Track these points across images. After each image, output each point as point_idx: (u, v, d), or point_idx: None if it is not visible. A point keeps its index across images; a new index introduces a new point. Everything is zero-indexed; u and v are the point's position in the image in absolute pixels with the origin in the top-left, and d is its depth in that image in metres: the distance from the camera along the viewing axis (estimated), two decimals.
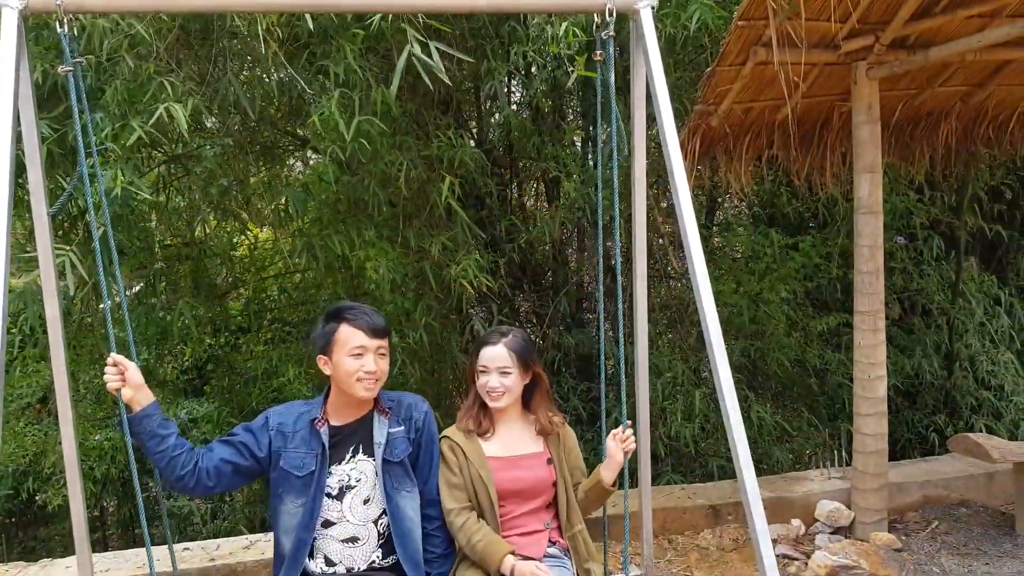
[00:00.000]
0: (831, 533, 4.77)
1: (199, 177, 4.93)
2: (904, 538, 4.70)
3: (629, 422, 2.85)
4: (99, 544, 8.64)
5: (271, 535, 4.47)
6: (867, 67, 4.36)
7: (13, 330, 6.72)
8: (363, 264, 4.71)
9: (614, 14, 3.21)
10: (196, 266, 5.98)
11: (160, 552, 4.48)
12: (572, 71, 3.92)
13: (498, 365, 2.79)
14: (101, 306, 5.57)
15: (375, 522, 2.65)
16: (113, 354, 2.50)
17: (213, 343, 7.39)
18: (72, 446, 2.88)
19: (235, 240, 6.70)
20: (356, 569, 2.62)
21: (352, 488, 2.63)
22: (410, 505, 2.68)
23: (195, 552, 4.46)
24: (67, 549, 6.02)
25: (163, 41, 3.83)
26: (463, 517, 2.69)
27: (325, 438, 2.62)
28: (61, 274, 3.78)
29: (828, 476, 5.23)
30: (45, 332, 3.07)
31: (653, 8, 3.27)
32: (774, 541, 4.64)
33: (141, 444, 2.52)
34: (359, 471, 2.65)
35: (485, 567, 2.64)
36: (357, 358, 2.56)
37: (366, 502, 2.64)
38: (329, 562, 2.62)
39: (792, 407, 6.66)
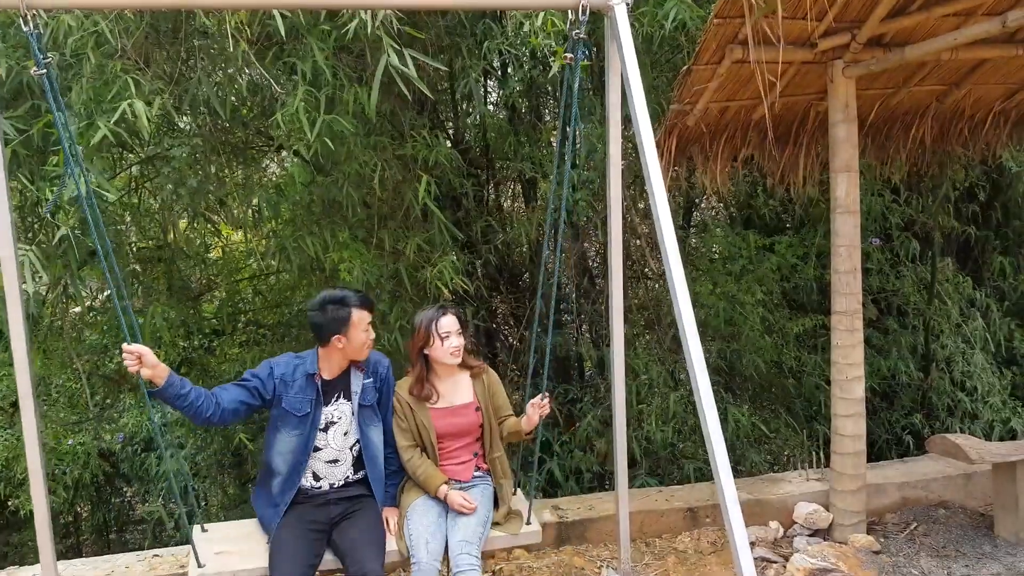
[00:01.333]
0: (810, 535, 4.75)
1: (169, 178, 4.84)
2: (883, 540, 4.69)
3: (547, 393, 3.56)
4: (73, 550, 8.51)
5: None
6: (843, 65, 4.34)
7: None
8: (337, 266, 4.65)
9: (587, 11, 3.18)
10: (169, 268, 5.90)
11: (124, 559, 4.42)
12: (552, 62, 3.90)
13: (456, 328, 3.54)
14: (75, 309, 5.49)
15: (351, 448, 3.49)
16: (126, 344, 2.97)
17: (187, 345, 7.30)
18: (36, 455, 2.83)
19: (209, 242, 6.62)
20: (335, 484, 3.46)
21: (335, 424, 3.44)
22: (376, 436, 3.53)
23: (165, 558, 4.37)
24: (39, 555, 5.92)
25: (130, 39, 3.75)
26: (409, 453, 3.55)
27: (320, 388, 3.39)
28: (34, 275, 3.71)
29: (806, 478, 5.22)
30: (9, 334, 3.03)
31: (628, 5, 3.24)
32: (752, 543, 4.61)
33: (171, 404, 3.10)
34: (340, 411, 3.45)
35: (425, 490, 3.52)
36: (367, 332, 3.37)
37: (345, 434, 3.46)
38: (316, 478, 3.44)
39: (769, 409, 6.64)
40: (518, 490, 3.85)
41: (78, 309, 5.92)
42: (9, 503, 7.43)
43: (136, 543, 8.59)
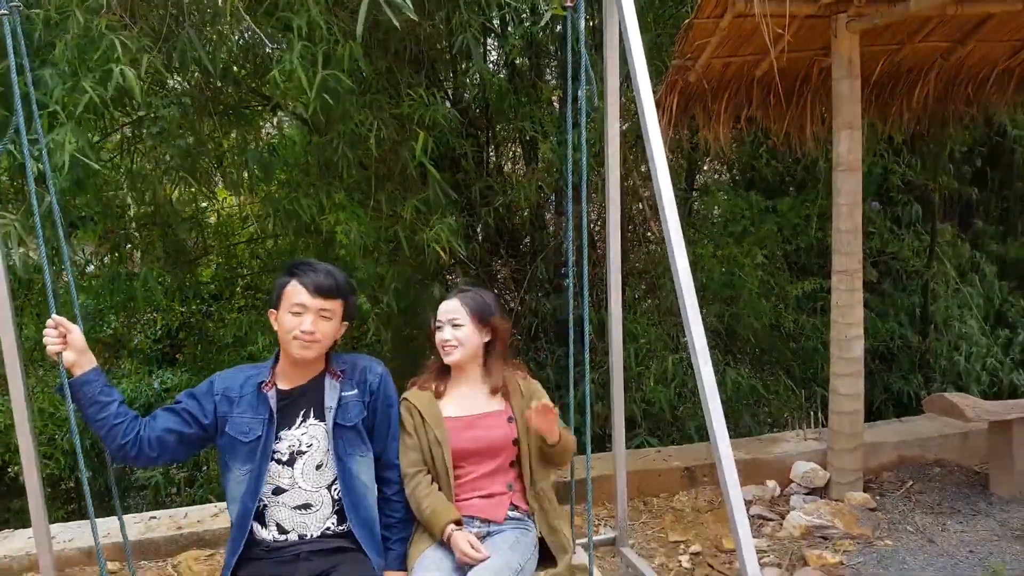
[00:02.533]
0: (806, 494, 4.76)
1: (158, 139, 4.76)
2: (879, 498, 4.70)
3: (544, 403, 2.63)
4: (75, 515, 8.54)
5: None
6: (847, 19, 4.27)
7: None
8: (333, 228, 4.59)
9: None
10: (164, 232, 5.85)
11: (127, 520, 4.42)
12: (546, 11, 3.70)
13: (450, 318, 2.75)
14: (63, 274, 5.45)
15: (329, 488, 2.56)
16: (54, 315, 2.40)
17: (185, 311, 7.28)
18: (24, 414, 2.78)
19: (204, 205, 6.56)
20: (309, 536, 2.52)
21: (303, 453, 2.53)
22: (363, 470, 2.59)
23: (162, 520, 4.39)
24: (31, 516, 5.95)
25: None
26: (415, 481, 2.64)
27: (272, 402, 2.52)
28: (19, 243, 3.64)
29: (804, 438, 5.23)
30: None
31: None
32: (749, 502, 4.62)
33: (81, 411, 2.43)
34: (310, 436, 2.55)
35: (431, 533, 2.59)
36: (296, 316, 2.47)
37: (319, 467, 2.55)
38: (282, 530, 2.53)
39: (769, 371, 6.65)
40: (578, 547, 2.97)
41: (66, 274, 5.88)
42: (9, 470, 7.45)
43: (138, 508, 8.64)
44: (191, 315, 7.31)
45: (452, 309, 2.75)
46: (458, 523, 2.56)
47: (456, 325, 2.73)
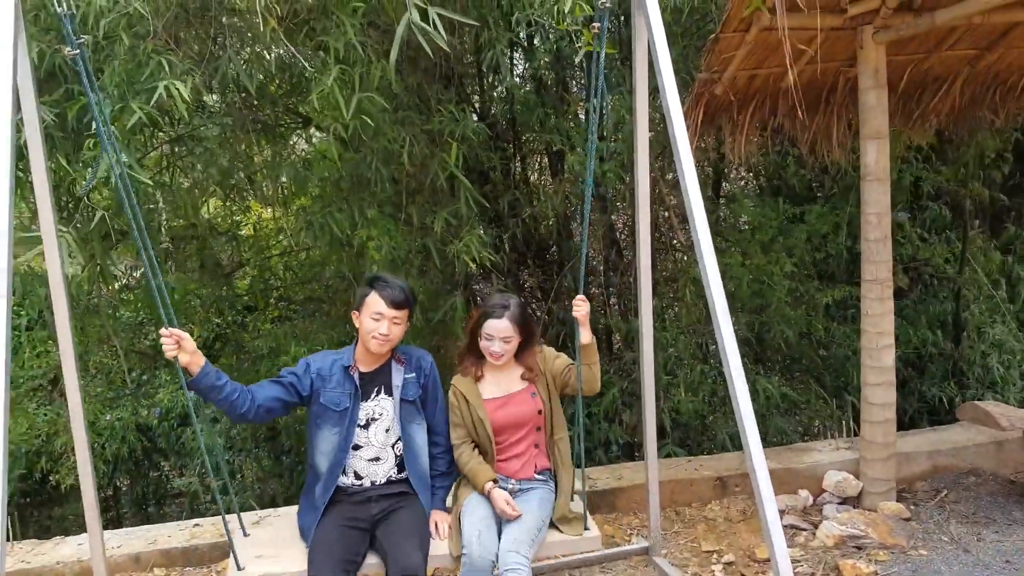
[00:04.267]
0: (839, 503, 4.77)
1: (200, 157, 4.90)
2: (913, 507, 4.70)
3: (582, 296, 3.35)
4: (113, 522, 8.70)
5: (280, 511, 4.52)
6: (873, 31, 4.29)
7: (19, 311, 6.75)
8: (365, 242, 4.69)
9: None
10: (202, 245, 5.98)
11: (166, 529, 4.54)
12: (580, 47, 3.84)
13: (502, 335, 3.32)
14: (113, 286, 5.59)
15: (392, 446, 3.33)
16: (165, 328, 2.89)
17: (221, 322, 7.42)
18: (81, 422, 2.91)
19: (239, 219, 6.70)
20: (378, 482, 3.31)
21: (376, 420, 3.30)
22: (419, 434, 3.37)
23: (206, 528, 4.49)
24: (81, 528, 6.08)
25: (161, 19, 3.79)
26: (460, 449, 3.41)
27: (357, 381, 3.27)
28: (70, 255, 3.78)
29: (836, 447, 5.23)
30: (52, 313, 3.09)
31: None
32: (781, 512, 4.64)
33: (204, 397, 3.02)
34: (381, 407, 3.31)
35: (474, 487, 3.36)
36: (375, 321, 3.17)
37: (387, 431, 3.31)
38: (357, 476, 3.30)
39: (799, 380, 6.64)
40: (575, 496, 3.59)
41: (115, 286, 6.02)
42: (50, 478, 7.60)
43: (174, 515, 8.77)
44: (227, 326, 7.45)
45: (504, 329, 3.32)
46: (495, 481, 3.32)
47: (506, 341, 3.34)
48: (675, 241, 6.58)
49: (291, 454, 7.50)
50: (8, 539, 4.68)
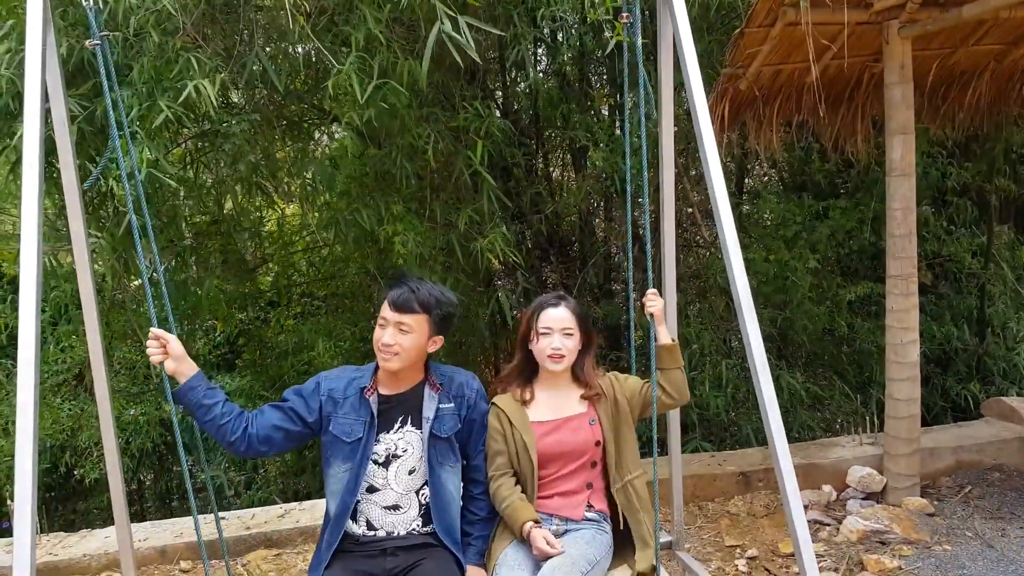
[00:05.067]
0: (863, 499, 4.75)
1: (228, 154, 4.94)
2: (937, 503, 4.68)
3: (654, 290, 2.85)
4: (137, 517, 8.78)
5: (305, 504, 4.56)
6: (899, 26, 4.28)
7: (44, 306, 6.82)
8: (391, 238, 4.71)
9: None
10: (225, 241, 6.02)
11: (192, 522, 4.57)
12: (610, 36, 3.80)
13: (563, 327, 2.79)
14: (136, 282, 5.65)
15: (417, 492, 2.70)
16: (154, 328, 2.53)
17: (244, 318, 7.47)
18: (108, 414, 2.95)
19: (263, 215, 6.74)
20: (396, 534, 2.66)
21: (398, 457, 2.67)
22: (451, 480, 2.73)
23: (231, 521, 4.53)
24: (106, 522, 6.16)
25: (189, 17, 3.82)
26: (499, 482, 2.76)
27: (374, 406, 2.65)
28: (93, 252, 3.82)
29: (860, 442, 5.21)
30: (78, 308, 3.11)
31: None
32: (805, 507, 4.63)
33: (190, 414, 2.56)
34: (406, 442, 2.68)
35: (511, 530, 2.71)
36: (380, 328, 2.62)
37: (411, 472, 2.68)
38: (371, 526, 2.66)
39: (822, 375, 6.62)
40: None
41: (137, 282, 6.08)
42: (75, 472, 7.68)
43: (198, 510, 8.84)
44: (250, 322, 7.50)
45: (564, 318, 2.80)
46: (536, 522, 2.66)
47: (568, 334, 2.79)
48: (698, 237, 6.57)
49: (314, 448, 7.53)
50: (36, 532, 4.74)
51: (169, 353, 2.53)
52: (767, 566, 4.14)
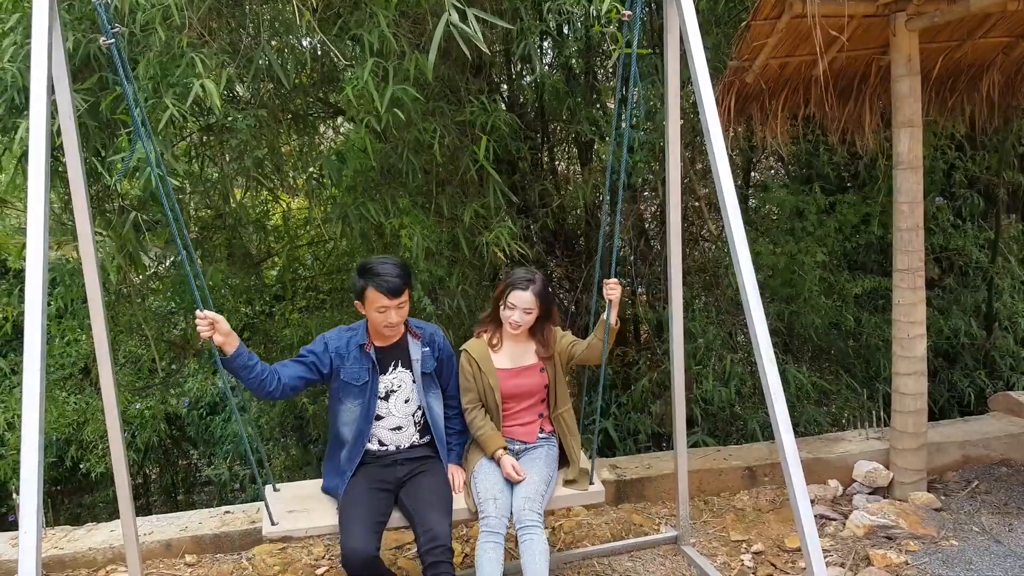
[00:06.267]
0: (869, 493, 4.74)
1: (234, 149, 4.93)
2: (944, 498, 4.67)
3: (615, 279, 3.51)
4: (142, 510, 8.82)
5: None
6: (906, 18, 4.25)
7: (49, 300, 6.83)
8: (397, 232, 4.71)
9: None
10: (231, 235, 6.02)
11: (197, 516, 4.59)
12: (613, 49, 3.83)
13: (525, 306, 3.55)
14: (142, 276, 5.64)
15: (413, 415, 3.55)
16: (199, 310, 3.00)
17: (249, 311, 7.47)
18: (114, 408, 2.96)
19: (269, 209, 6.74)
20: (402, 446, 3.53)
21: (395, 392, 3.50)
22: (436, 403, 3.61)
23: (236, 515, 4.54)
24: (111, 515, 6.17)
25: (196, 12, 3.81)
26: (472, 413, 3.64)
27: (373, 356, 3.44)
28: (99, 247, 3.82)
29: (866, 437, 5.20)
30: (84, 303, 3.13)
31: None
32: (811, 501, 4.60)
33: (236, 376, 3.16)
34: (399, 380, 3.51)
35: (484, 452, 3.59)
36: (381, 313, 3.31)
37: (406, 402, 3.52)
38: (381, 443, 3.51)
39: (829, 370, 6.61)
40: (581, 452, 3.84)
41: (142, 276, 6.08)
42: (81, 466, 7.70)
43: (204, 503, 8.88)
44: (255, 316, 7.50)
45: (527, 300, 3.55)
46: (504, 448, 3.57)
47: (528, 312, 3.57)
48: (704, 231, 6.55)
49: (318, 443, 7.55)
50: (42, 525, 4.75)
51: (217, 330, 3.02)
52: (773, 561, 4.13)
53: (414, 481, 3.46)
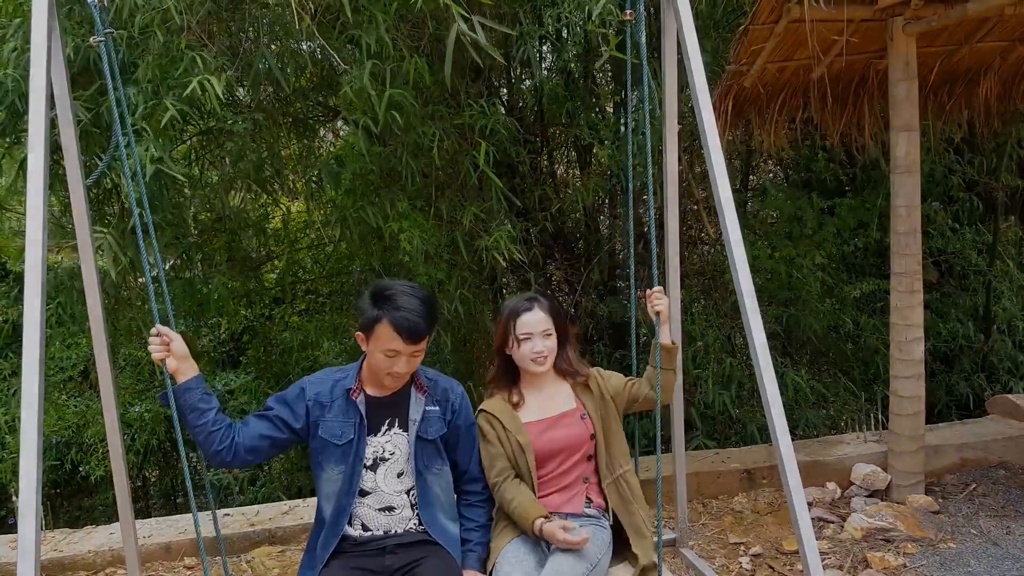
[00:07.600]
0: (867, 496, 4.75)
1: (231, 152, 4.94)
2: (941, 500, 4.68)
3: (659, 288, 2.89)
4: (142, 513, 8.79)
5: (309, 501, 4.56)
6: (904, 22, 4.26)
7: (49, 304, 6.83)
8: (396, 235, 4.72)
9: None
10: (230, 239, 6.03)
11: (202, 517, 4.59)
12: (604, 51, 3.81)
13: (542, 329, 2.79)
14: (141, 280, 5.65)
15: (407, 493, 2.67)
16: (158, 325, 2.49)
17: (249, 315, 7.48)
18: (113, 410, 2.95)
19: (269, 213, 6.75)
20: (394, 532, 2.64)
21: (386, 460, 2.64)
22: (437, 483, 2.70)
23: (235, 518, 4.55)
24: (111, 519, 6.17)
25: (195, 15, 3.82)
26: (503, 486, 2.75)
27: (362, 407, 2.61)
28: (98, 249, 3.82)
29: (864, 439, 5.21)
30: (84, 305, 3.12)
31: None
32: (809, 504, 4.63)
33: (182, 416, 2.50)
34: (393, 444, 2.64)
35: (521, 527, 2.70)
36: (389, 358, 2.51)
37: (399, 475, 2.66)
38: (366, 528, 2.64)
39: (827, 373, 6.62)
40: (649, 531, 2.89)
41: (142, 280, 6.08)
42: (80, 469, 7.70)
43: (203, 506, 8.87)
44: (254, 319, 7.51)
45: (541, 320, 2.80)
46: (547, 517, 2.65)
47: (547, 335, 2.80)
48: (702, 234, 6.56)
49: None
50: (41, 528, 4.76)
51: (171, 352, 2.48)
52: (771, 563, 4.14)
53: (414, 573, 2.58)
